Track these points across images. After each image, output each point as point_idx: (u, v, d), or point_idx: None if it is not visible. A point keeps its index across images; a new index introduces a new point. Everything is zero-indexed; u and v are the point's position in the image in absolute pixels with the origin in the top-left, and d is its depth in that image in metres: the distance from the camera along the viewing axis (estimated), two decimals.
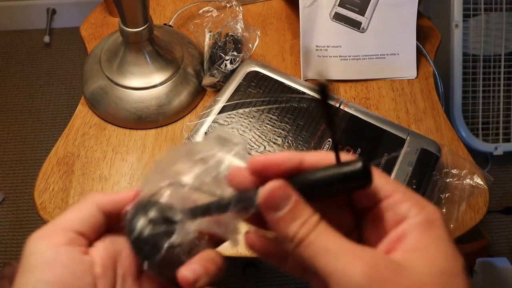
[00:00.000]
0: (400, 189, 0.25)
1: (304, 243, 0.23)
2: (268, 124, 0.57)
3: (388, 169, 0.54)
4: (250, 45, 0.64)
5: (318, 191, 0.25)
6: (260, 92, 0.60)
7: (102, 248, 0.28)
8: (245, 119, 0.57)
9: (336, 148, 0.24)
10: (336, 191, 0.25)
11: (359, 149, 0.56)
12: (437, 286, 0.22)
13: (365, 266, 0.22)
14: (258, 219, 0.27)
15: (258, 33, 0.65)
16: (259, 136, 0.56)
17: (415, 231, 0.24)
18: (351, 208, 0.26)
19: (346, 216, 0.27)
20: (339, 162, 0.24)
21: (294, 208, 0.24)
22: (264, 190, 0.24)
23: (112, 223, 0.30)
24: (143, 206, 0.28)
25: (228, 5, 0.68)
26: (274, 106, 0.59)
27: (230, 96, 0.59)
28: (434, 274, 0.22)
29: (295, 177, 0.25)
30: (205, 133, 0.56)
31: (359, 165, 0.23)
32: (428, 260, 0.23)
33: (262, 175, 0.25)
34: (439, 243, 0.23)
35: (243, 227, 0.28)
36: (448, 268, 0.23)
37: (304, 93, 0.60)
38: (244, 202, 0.25)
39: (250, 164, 0.25)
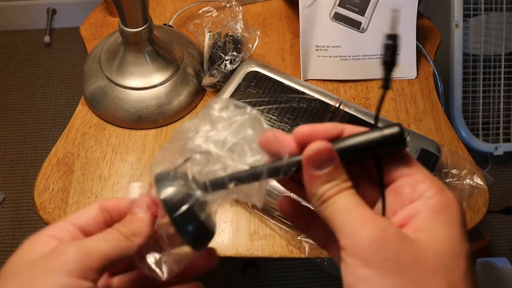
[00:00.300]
0: (422, 171, 0.26)
1: (328, 202, 0.25)
2: (267, 124, 0.57)
3: None
4: (250, 45, 0.64)
5: (355, 155, 0.26)
6: (260, 92, 0.60)
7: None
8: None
9: (377, 114, 0.27)
10: (372, 155, 0.26)
11: None
12: (438, 263, 0.23)
13: (376, 231, 0.23)
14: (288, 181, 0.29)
15: (258, 33, 0.65)
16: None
17: (427, 211, 0.24)
18: (377, 179, 0.27)
19: (370, 189, 0.28)
20: (376, 127, 0.26)
21: (333, 170, 0.25)
22: (313, 148, 0.25)
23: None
24: (172, 174, 0.28)
25: (228, 5, 0.68)
26: (273, 106, 0.59)
27: (230, 96, 0.59)
28: (437, 252, 0.23)
29: (336, 141, 0.26)
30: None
31: (396, 128, 0.25)
32: (433, 240, 0.24)
33: (304, 143, 0.26)
34: (448, 227, 0.24)
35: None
36: (452, 250, 0.23)
37: (303, 93, 0.60)
38: (279, 170, 0.26)
39: (296, 132, 0.27)
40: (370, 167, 0.28)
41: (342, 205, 0.25)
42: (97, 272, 0.26)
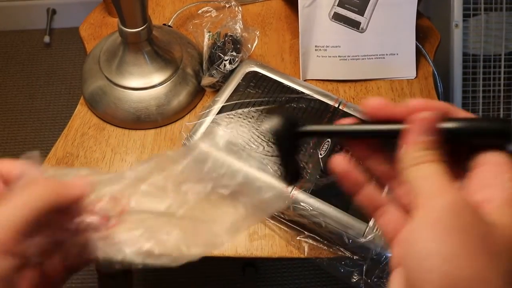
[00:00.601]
0: (507, 162, 0.27)
1: (419, 166, 0.26)
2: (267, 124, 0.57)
3: None
4: (249, 45, 0.64)
5: (460, 137, 0.28)
6: (259, 92, 0.60)
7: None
8: (244, 119, 0.57)
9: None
10: (476, 143, 0.27)
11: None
12: (503, 247, 0.23)
13: (453, 201, 0.24)
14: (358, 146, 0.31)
15: (257, 33, 0.65)
16: (258, 136, 0.56)
17: (502, 198, 0.25)
18: (463, 161, 0.28)
19: (455, 169, 0.29)
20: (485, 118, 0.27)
21: (434, 141, 0.27)
22: (424, 115, 0.27)
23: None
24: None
25: (227, 5, 0.68)
26: (273, 106, 0.59)
27: (229, 96, 0.59)
28: (506, 237, 0.23)
29: (447, 119, 0.28)
30: (204, 133, 0.56)
31: (504, 124, 0.26)
32: (504, 225, 0.24)
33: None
34: None
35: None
36: None
37: (303, 93, 0.60)
38: (391, 132, 0.29)
39: (409, 103, 0.28)
40: (462, 149, 0.29)
41: (429, 172, 0.26)
42: (16, 241, 0.26)
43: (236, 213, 0.31)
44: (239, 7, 0.66)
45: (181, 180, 0.31)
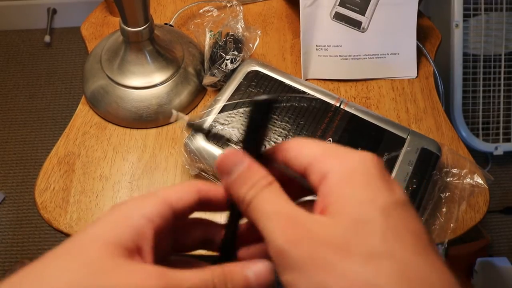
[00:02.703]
0: (320, 147, 0.24)
1: (251, 206, 0.23)
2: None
3: (388, 169, 0.54)
4: (251, 45, 0.64)
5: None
6: (261, 92, 0.60)
7: None
8: (246, 118, 0.57)
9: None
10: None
11: (359, 149, 0.56)
12: (344, 238, 0.21)
13: (284, 228, 0.22)
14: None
15: (259, 32, 0.65)
16: None
17: (336, 185, 0.23)
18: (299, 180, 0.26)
19: (295, 187, 0.27)
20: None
21: (245, 172, 0.24)
22: (220, 156, 0.25)
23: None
24: None
25: (228, 5, 0.68)
26: (274, 105, 0.59)
27: (231, 95, 0.59)
28: (344, 226, 0.21)
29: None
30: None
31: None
32: (340, 213, 0.22)
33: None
34: (355, 192, 0.22)
35: None
36: (360, 215, 0.21)
37: (304, 92, 0.60)
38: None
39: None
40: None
41: (262, 208, 0.23)
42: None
43: None
44: (241, 7, 0.66)
45: None
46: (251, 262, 0.24)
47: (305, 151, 0.25)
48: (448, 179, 0.56)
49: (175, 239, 0.28)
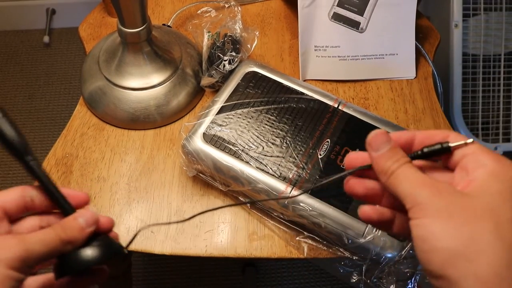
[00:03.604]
0: (481, 147, 0.31)
1: (393, 175, 0.30)
2: (266, 124, 0.57)
3: None
4: (249, 46, 0.64)
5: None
6: (259, 93, 0.60)
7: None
8: (244, 119, 0.57)
9: None
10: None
11: (357, 150, 0.55)
12: (484, 209, 0.27)
13: (431, 188, 0.28)
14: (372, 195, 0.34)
15: (257, 33, 0.64)
16: (257, 137, 0.56)
17: (483, 174, 0.29)
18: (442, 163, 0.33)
19: (441, 172, 0.33)
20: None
21: (391, 151, 0.31)
22: (371, 134, 0.32)
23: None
24: None
25: (226, 6, 0.68)
26: (272, 106, 0.59)
27: (229, 96, 0.59)
28: (485, 202, 0.27)
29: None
30: (203, 133, 0.56)
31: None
32: (484, 192, 0.28)
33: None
34: (499, 183, 0.28)
35: None
36: (500, 200, 0.28)
37: (302, 93, 0.60)
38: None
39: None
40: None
41: (404, 175, 0.30)
42: (30, 269, 0.30)
43: None
44: (239, 7, 0.66)
45: None
46: (79, 213, 0.33)
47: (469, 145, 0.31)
48: None
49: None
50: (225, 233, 0.55)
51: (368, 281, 0.51)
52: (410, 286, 0.50)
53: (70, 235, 0.32)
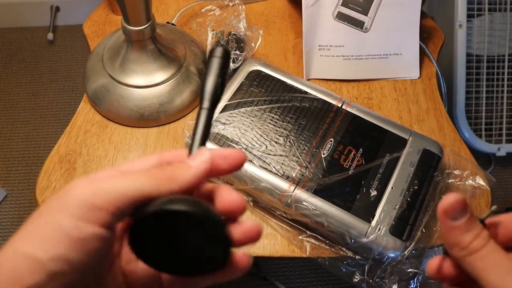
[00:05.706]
0: None
1: (477, 255, 0.26)
2: (270, 123, 0.57)
3: (390, 170, 0.54)
4: (253, 44, 0.64)
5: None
6: (262, 91, 0.60)
7: None
8: (247, 118, 0.57)
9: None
10: None
11: (360, 149, 0.55)
12: None
13: None
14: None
15: (261, 32, 0.65)
16: (260, 136, 0.56)
17: None
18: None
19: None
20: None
21: (469, 221, 0.27)
22: (447, 200, 0.27)
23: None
24: None
25: (231, 4, 0.68)
26: (276, 105, 0.59)
27: (232, 95, 0.59)
28: None
29: None
30: None
31: None
32: None
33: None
34: None
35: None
36: None
37: (306, 92, 0.60)
38: None
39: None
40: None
41: (494, 261, 0.26)
42: (109, 215, 0.23)
43: None
44: (243, 6, 0.66)
45: None
46: (192, 157, 0.28)
47: None
48: (449, 181, 0.56)
49: None
50: None
51: (371, 280, 0.51)
52: (412, 286, 0.50)
53: (169, 173, 0.26)
